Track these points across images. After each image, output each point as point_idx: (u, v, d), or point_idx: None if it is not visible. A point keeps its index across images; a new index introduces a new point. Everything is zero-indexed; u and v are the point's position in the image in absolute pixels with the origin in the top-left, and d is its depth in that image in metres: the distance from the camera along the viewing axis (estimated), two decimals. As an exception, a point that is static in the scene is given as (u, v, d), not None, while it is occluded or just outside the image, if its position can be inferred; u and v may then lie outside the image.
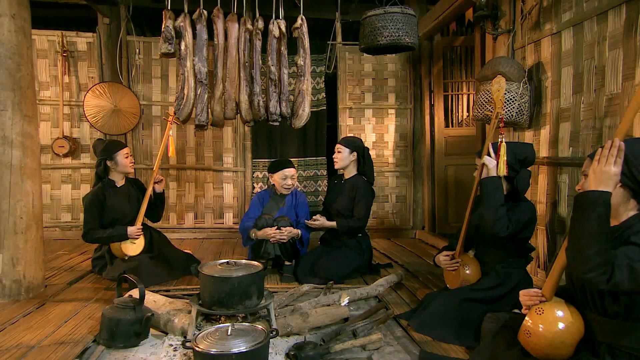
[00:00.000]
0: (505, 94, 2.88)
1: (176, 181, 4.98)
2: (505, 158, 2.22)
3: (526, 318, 1.70)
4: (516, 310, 2.35)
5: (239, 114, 3.21)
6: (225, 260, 2.31)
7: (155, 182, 3.38)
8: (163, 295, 2.82)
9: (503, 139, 2.23)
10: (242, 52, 3.06)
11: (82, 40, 4.76)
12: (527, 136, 3.01)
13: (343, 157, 3.39)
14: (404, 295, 2.97)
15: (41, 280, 2.96)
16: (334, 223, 3.30)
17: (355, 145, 3.41)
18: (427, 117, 5.10)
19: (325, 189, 5.11)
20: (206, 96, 3.03)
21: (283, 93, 3.02)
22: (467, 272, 2.51)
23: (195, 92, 2.94)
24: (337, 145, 3.43)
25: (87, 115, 4.60)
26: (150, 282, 3.08)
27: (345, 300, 2.62)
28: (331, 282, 3.06)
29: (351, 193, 3.39)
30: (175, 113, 2.89)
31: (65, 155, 4.70)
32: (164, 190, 3.49)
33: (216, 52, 3.12)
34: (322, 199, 5.08)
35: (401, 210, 5.27)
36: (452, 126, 5.14)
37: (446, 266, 2.57)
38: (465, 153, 5.01)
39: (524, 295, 1.74)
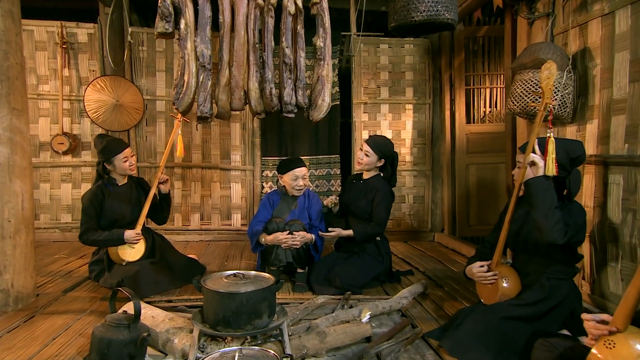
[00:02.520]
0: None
1: (181, 180, 4.73)
2: (554, 156, 1.92)
3: (593, 351, 1.39)
4: (565, 332, 2.05)
5: (247, 105, 2.83)
6: (232, 272, 2.03)
7: (160, 183, 3.12)
8: (164, 306, 2.57)
9: (552, 134, 1.92)
10: (251, 31, 2.68)
11: (82, 31, 4.51)
12: (569, 132, 2.69)
13: (370, 162, 3.08)
14: (429, 308, 2.68)
15: (32, 289, 2.71)
16: (350, 232, 3.00)
17: (386, 152, 3.09)
18: (447, 113, 4.80)
19: (339, 189, 4.82)
20: (210, 83, 2.66)
21: (299, 80, 2.63)
22: (505, 285, 2.21)
23: (197, 78, 2.57)
24: (366, 147, 3.08)
25: (87, 110, 4.35)
26: (151, 290, 2.83)
27: (366, 316, 2.33)
28: (348, 292, 2.78)
29: (370, 195, 3.09)
30: (173, 103, 2.59)
31: (65, 153, 4.46)
32: (169, 190, 3.22)
33: (221, 32, 2.74)
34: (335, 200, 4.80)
35: (419, 211, 4.97)
36: (474, 122, 4.81)
37: (482, 279, 2.27)
38: (489, 151, 4.70)
39: (590, 322, 1.43)
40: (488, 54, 4.74)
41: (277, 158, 4.77)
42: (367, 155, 3.07)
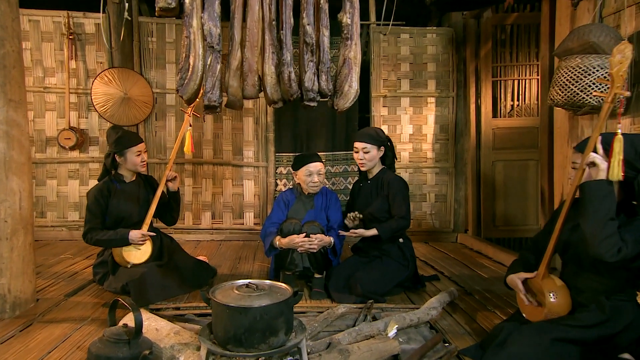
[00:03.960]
0: (596, 70, 2.29)
1: (192, 177, 4.53)
2: (620, 157, 1.64)
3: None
4: (627, 356, 1.78)
5: (262, 92, 2.50)
6: (245, 282, 1.80)
7: (168, 180, 2.92)
8: (171, 314, 2.37)
9: (620, 131, 1.65)
10: (267, 6, 2.33)
11: (89, 22, 4.33)
12: (621, 125, 2.40)
13: (373, 157, 2.84)
14: (461, 320, 2.43)
15: (30, 294, 2.52)
16: (374, 231, 2.75)
17: (382, 138, 2.86)
18: (473, 106, 4.52)
19: (356, 187, 4.57)
20: (219, 67, 2.32)
21: (323, 62, 2.28)
22: (553, 300, 1.94)
23: (204, 61, 2.23)
24: (362, 146, 2.82)
25: (95, 104, 4.17)
26: (158, 296, 2.63)
27: (393, 330, 2.10)
28: (370, 301, 2.54)
29: (382, 190, 2.85)
30: (177, 90, 2.34)
31: (72, 148, 4.29)
32: (178, 188, 3.02)
33: (232, 7, 2.40)
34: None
35: (441, 210, 4.70)
36: (501, 116, 4.51)
37: (526, 292, 2.00)
38: (517, 147, 4.43)
39: None
40: (517, 43, 4.43)
41: (291, 154, 4.54)
42: (366, 153, 2.83)
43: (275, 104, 2.44)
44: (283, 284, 1.84)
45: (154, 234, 2.84)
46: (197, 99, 2.50)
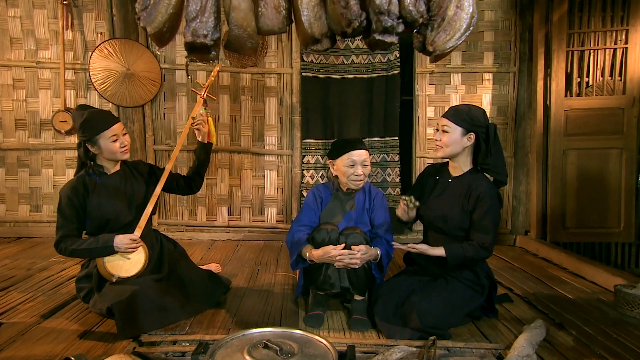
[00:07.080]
0: None
1: (206, 167, 3.92)
2: None
3: None
4: None
5: (294, 22, 1.47)
6: (262, 334, 1.15)
7: (195, 126, 2.40)
8: (165, 351, 1.76)
9: None
10: None
11: (87, -15, 3.74)
12: None
13: (452, 141, 2.07)
14: (563, 371, 1.73)
15: (-12, 319, 1.96)
16: (441, 251, 2.04)
17: (473, 120, 2.05)
18: (540, 83, 3.74)
19: (397, 180, 3.88)
20: None
21: None
22: None
23: None
24: (442, 122, 2.09)
25: (93, 81, 3.59)
26: (154, 322, 2.03)
27: (480, 399, 1.42)
28: (433, 337, 1.86)
29: (467, 202, 2.09)
30: (138, 19, 1.52)
31: (69, 133, 3.73)
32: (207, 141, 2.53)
33: None
34: (392, 193, 3.87)
35: (496, 208, 3.96)
36: (575, 95, 3.70)
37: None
38: (596, 132, 3.65)
39: None
40: (603, 2, 3.60)
41: (320, 141, 3.88)
42: (445, 132, 2.08)
43: (316, 43, 1.38)
44: (322, 339, 1.18)
45: (141, 240, 2.21)
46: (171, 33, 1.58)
